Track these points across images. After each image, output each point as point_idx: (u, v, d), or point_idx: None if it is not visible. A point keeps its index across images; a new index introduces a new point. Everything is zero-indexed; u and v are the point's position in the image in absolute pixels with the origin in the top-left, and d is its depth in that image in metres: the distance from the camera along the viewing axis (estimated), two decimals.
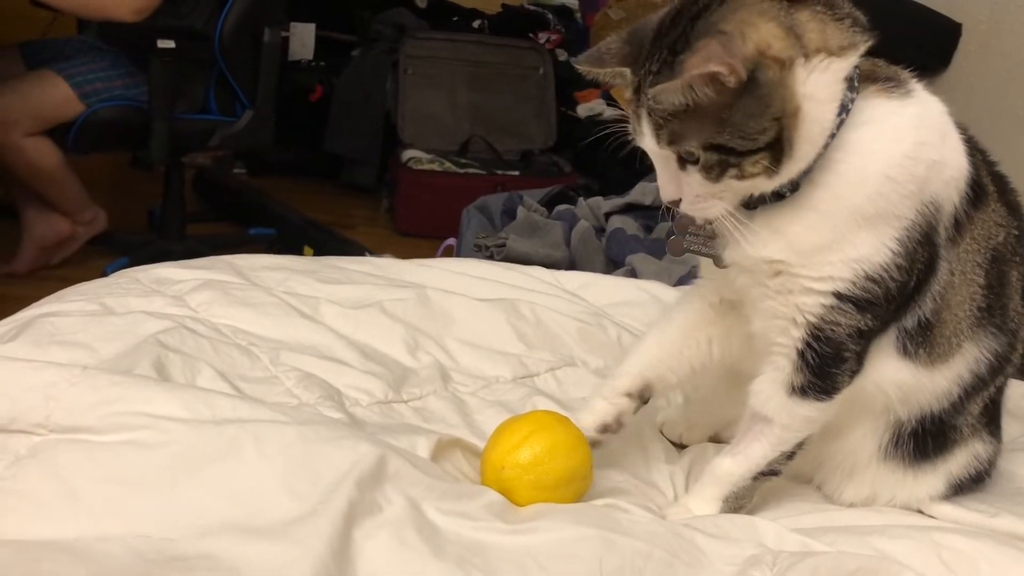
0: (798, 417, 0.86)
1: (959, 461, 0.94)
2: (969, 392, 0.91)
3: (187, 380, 0.88)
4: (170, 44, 2.27)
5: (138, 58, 2.33)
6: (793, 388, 0.85)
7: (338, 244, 2.80)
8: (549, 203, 2.01)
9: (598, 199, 1.93)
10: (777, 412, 0.86)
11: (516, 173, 3.31)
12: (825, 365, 0.83)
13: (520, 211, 1.87)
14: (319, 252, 2.50)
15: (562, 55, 3.74)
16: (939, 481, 0.94)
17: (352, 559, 0.68)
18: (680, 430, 1.05)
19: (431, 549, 0.70)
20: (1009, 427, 1.04)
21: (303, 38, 3.60)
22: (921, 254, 0.81)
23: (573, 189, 2.14)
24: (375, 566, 0.68)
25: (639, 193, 1.89)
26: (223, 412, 0.78)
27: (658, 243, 1.72)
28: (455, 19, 3.81)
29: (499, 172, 3.30)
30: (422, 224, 3.13)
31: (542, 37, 3.82)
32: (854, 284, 0.80)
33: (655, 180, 0.83)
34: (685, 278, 1.56)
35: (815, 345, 0.82)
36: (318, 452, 0.75)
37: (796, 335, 0.83)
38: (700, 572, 0.77)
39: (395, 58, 3.47)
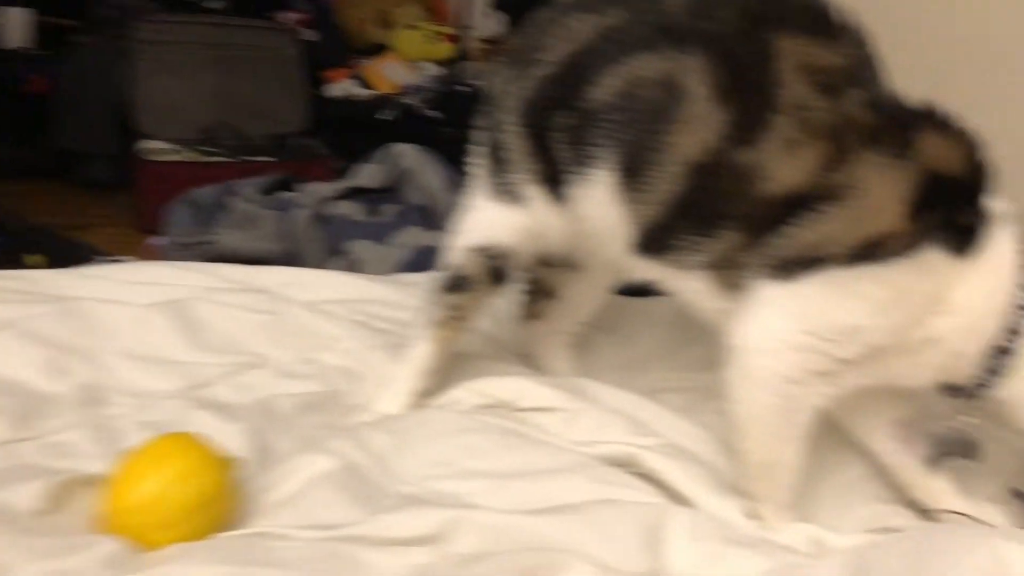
0: None
1: None
2: None
3: None
4: None
5: None
6: None
7: (69, 248, 2.56)
8: (271, 191, 1.88)
9: (319, 184, 1.83)
10: None
11: (269, 159, 3.14)
12: None
13: (234, 202, 1.74)
14: (51, 259, 2.27)
15: (310, 35, 3.60)
16: None
17: None
18: None
19: None
20: None
21: (17, 24, 3.28)
22: None
23: (299, 177, 2.02)
24: None
25: (365, 177, 1.81)
26: None
27: (381, 227, 1.64)
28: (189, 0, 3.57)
29: (249, 158, 3.12)
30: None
31: (287, 16, 3.66)
32: None
33: (378, 161, 0.76)
34: (405, 264, 1.50)
35: None
36: None
37: None
38: None
39: (126, 43, 3.21)
